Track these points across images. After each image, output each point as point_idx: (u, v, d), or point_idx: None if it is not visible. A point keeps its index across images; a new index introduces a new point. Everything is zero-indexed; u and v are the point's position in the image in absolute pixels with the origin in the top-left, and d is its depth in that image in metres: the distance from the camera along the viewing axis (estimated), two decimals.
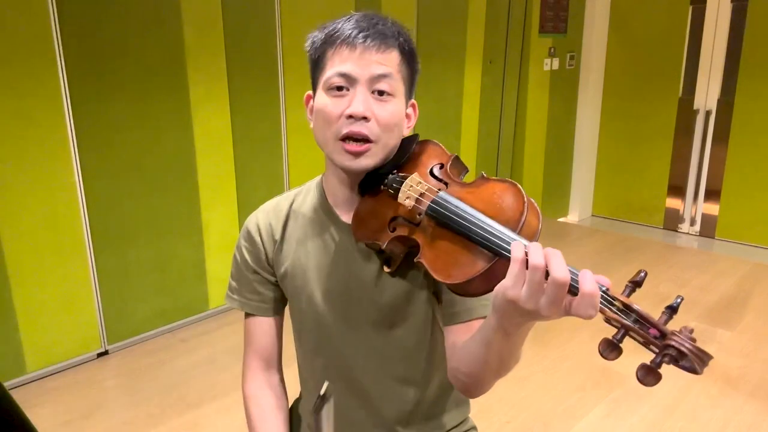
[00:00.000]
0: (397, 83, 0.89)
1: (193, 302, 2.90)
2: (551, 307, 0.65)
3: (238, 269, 1.05)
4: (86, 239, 2.47)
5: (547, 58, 4.33)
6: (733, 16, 3.94)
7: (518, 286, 0.67)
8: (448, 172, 0.89)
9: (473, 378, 0.87)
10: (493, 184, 0.82)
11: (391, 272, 0.93)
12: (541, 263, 0.65)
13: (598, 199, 4.86)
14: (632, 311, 0.64)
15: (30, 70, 2.21)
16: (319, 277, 0.98)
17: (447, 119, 3.88)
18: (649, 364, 0.62)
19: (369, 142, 0.87)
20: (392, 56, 0.88)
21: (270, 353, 1.07)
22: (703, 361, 0.60)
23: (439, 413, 1.06)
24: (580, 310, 0.64)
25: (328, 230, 0.98)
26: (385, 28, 0.88)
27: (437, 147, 0.94)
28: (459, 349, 0.89)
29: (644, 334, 0.63)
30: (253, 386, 1.07)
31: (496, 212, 0.76)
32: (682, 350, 0.60)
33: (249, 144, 2.94)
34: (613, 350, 0.63)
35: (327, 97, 0.88)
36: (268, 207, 1.05)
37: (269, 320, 1.05)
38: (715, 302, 3.12)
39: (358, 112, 0.85)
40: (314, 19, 0.92)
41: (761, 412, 2.19)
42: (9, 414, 0.98)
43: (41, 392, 2.37)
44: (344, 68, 0.86)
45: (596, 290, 0.64)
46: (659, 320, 0.63)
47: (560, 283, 0.64)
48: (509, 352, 0.79)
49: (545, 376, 2.44)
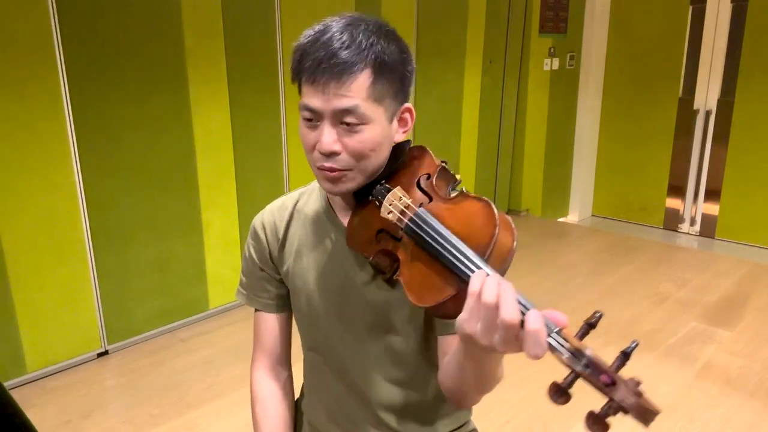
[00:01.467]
0: (367, 109, 0.82)
1: (193, 302, 2.90)
2: (505, 344, 0.64)
3: (247, 266, 1.07)
4: (86, 239, 2.47)
5: (547, 58, 4.33)
6: (733, 16, 3.94)
7: (473, 321, 0.65)
8: (433, 185, 0.85)
9: (455, 393, 0.88)
10: (469, 202, 0.79)
11: (386, 278, 0.92)
12: (492, 301, 0.63)
13: (598, 199, 4.86)
14: (583, 355, 0.60)
15: (30, 70, 2.21)
16: (317, 278, 0.99)
17: (447, 119, 3.88)
18: (597, 413, 0.59)
19: (345, 170, 0.86)
20: (358, 82, 0.80)
21: (276, 350, 1.08)
22: (646, 417, 0.57)
23: (441, 416, 1.06)
24: (527, 348, 0.61)
25: (328, 232, 0.99)
26: (351, 50, 0.80)
27: (427, 155, 0.91)
28: (443, 365, 0.90)
29: (595, 381, 0.59)
30: (259, 383, 1.08)
31: (468, 234, 0.74)
32: (624, 406, 0.57)
33: (249, 144, 2.94)
34: (561, 396, 0.60)
35: (303, 125, 0.87)
36: (275, 206, 1.06)
37: (275, 317, 1.07)
38: (715, 302, 3.12)
39: (324, 149, 0.83)
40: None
41: (761, 412, 2.19)
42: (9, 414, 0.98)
43: (41, 392, 2.37)
44: (309, 102, 0.83)
45: (540, 328, 0.61)
46: (611, 367, 0.59)
47: (507, 324, 0.62)
48: (484, 375, 0.79)
49: (545, 376, 2.43)
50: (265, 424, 1.06)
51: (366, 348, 0.98)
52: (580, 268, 3.70)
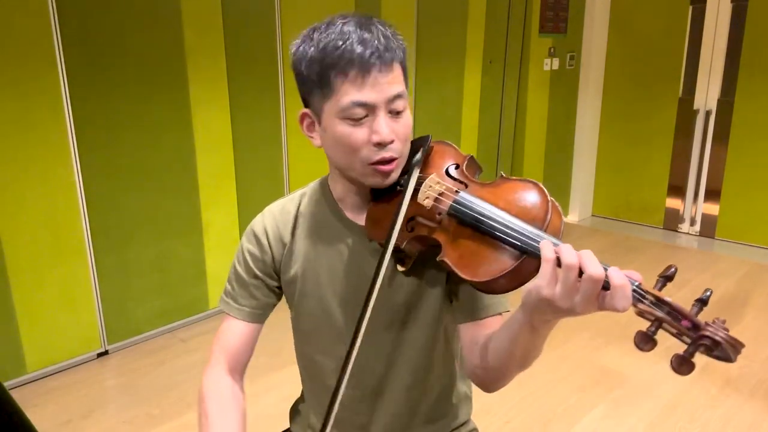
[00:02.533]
0: (406, 94, 0.88)
1: (193, 302, 2.90)
2: (586, 303, 0.67)
3: (237, 273, 1.03)
4: (86, 239, 2.47)
5: (547, 58, 4.33)
6: (733, 16, 3.93)
7: (552, 286, 0.68)
8: (464, 172, 0.89)
9: (495, 372, 0.88)
10: (514, 183, 0.82)
11: (404, 271, 0.93)
12: (575, 262, 0.67)
13: (598, 199, 4.85)
14: (665, 303, 0.65)
15: (30, 70, 2.21)
16: (331, 280, 0.98)
17: (447, 119, 3.88)
18: (683, 354, 0.63)
19: (396, 159, 0.88)
20: (397, 69, 0.86)
21: (240, 359, 1.02)
22: (736, 349, 0.62)
23: (442, 415, 1.06)
24: (614, 302, 0.65)
25: (339, 232, 0.98)
26: (386, 40, 0.84)
27: (451, 147, 0.94)
28: (481, 346, 0.89)
29: (677, 325, 0.64)
30: (214, 382, 1.00)
31: (519, 211, 0.77)
32: (717, 339, 0.61)
33: (249, 144, 2.94)
34: (648, 342, 0.65)
35: (345, 126, 0.85)
36: (275, 209, 1.03)
37: (250, 327, 1.02)
38: (715, 302, 3.12)
39: (388, 138, 0.85)
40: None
41: (761, 412, 2.19)
42: (9, 414, 0.98)
43: (41, 392, 2.37)
44: (362, 97, 0.83)
45: (626, 282, 0.65)
46: (691, 312, 0.65)
47: (596, 279, 0.65)
48: (534, 346, 0.81)
49: (545, 376, 2.44)
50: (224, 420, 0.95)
51: (381, 345, 0.98)
52: None
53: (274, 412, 2.23)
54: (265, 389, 2.35)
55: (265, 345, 3.07)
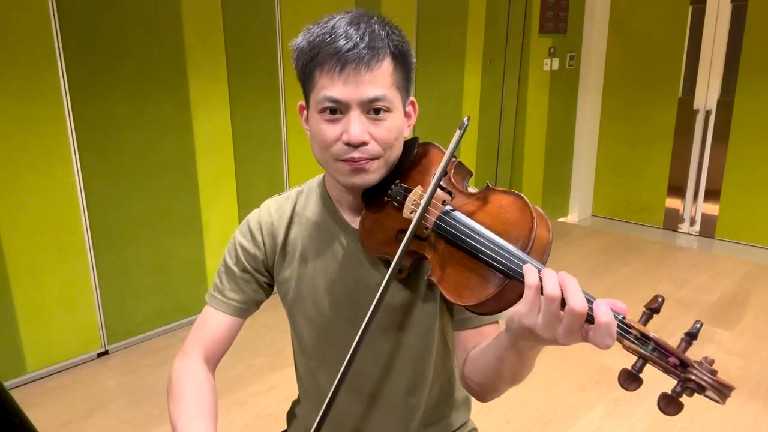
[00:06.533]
0: (392, 96, 0.83)
1: (193, 302, 2.90)
2: (568, 335, 0.64)
3: (227, 265, 1.02)
4: (86, 239, 2.47)
5: (547, 58, 4.33)
6: (733, 16, 3.93)
7: (534, 314, 0.65)
8: (452, 180, 0.85)
9: (486, 387, 0.87)
10: (499, 196, 0.78)
11: (402, 278, 0.91)
12: (557, 293, 0.63)
13: (598, 199, 4.85)
14: (649, 339, 0.62)
15: (30, 70, 2.21)
16: (326, 283, 0.96)
17: (447, 119, 3.88)
18: (671, 393, 0.60)
19: (372, 159, 0.85)
20: (383, 68, 0.82)
21: (216, 352, 1.01)
22: (723, 394, 0.58)
23: (440, 417, 1.05)
24: (597, 339, 0.62)
25: (335, 235, 0.96)
26: (373, 36, 0.81)
27: (439, 151, 0.90)
28: (471, 360, 0.88)
29: (663, 363, 0.61)
30: (187, 367, 0.98)
31: (504, 229, 0.73)
32: (703, 384, 0.58)
33: (249, 144, 2.94)
34: (633, 381, 0.62)
35: (321, 120, 0.84)
36: (271, 206, 1.02)
37: (235, 320, 1.00)
38: (715, 302, 3.12)
39: (356, 140, 0.81)
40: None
41: (761, 412, 2.19)
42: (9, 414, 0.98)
43: (41, 392, 2.37)
44: (333, 93, 0.81)
45: (612, 320, 0.61)
46: (678, 348, 0.61)
47: (578, 313, 0.62)
48: (523, 365, 0.79)
49: (545, 376, 2.44)
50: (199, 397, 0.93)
51: (377, 350, 0.97)
52: (580, 268, 3.70)
53: (274, 412, 2.23)
54: (265, 389, 2.35)
55: (265, 345, 3.08)
